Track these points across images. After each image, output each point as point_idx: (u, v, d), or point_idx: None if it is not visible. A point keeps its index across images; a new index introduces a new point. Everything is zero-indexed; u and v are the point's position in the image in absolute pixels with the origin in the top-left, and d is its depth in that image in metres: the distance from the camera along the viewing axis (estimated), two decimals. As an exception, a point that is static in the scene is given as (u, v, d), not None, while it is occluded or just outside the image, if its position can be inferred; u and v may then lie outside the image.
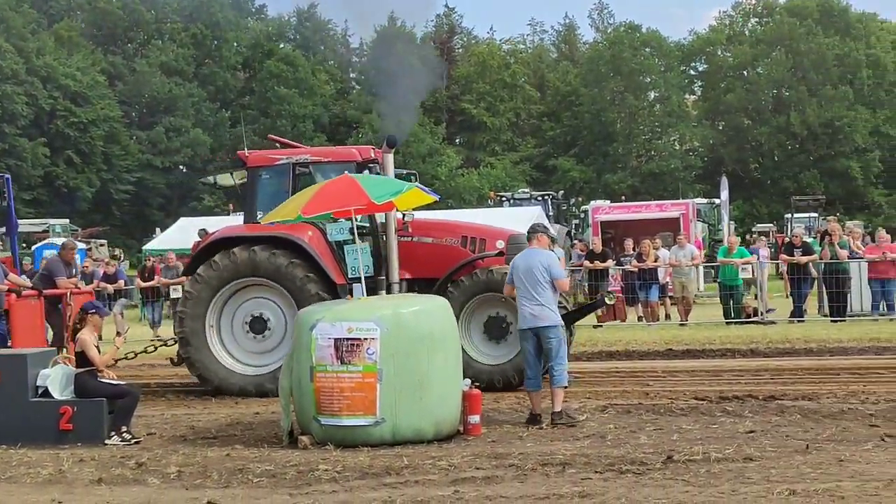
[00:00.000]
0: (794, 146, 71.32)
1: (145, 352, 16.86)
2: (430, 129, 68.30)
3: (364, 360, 10.63)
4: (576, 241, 33.28)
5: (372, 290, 14.70)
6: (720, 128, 74.44)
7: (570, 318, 14.76)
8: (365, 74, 73.87)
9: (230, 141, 67.75)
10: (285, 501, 8.60)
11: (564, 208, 41.81)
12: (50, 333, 17.31)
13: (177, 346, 15.75)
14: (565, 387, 11.87)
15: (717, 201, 42.17)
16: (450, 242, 15.28)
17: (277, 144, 17.27)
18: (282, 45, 75.51)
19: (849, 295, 22.84)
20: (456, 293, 14.51)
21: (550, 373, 11.80)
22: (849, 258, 22.90)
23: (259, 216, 15.10)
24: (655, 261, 24.36)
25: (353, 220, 13.21)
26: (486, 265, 14.83)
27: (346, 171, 15.14)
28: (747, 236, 46.96)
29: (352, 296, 14.06)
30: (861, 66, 69.12)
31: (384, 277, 14.89)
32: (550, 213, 38.01)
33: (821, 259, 23.18)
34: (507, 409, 12.98)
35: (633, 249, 25.51)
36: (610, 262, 24.92)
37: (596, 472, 9.21)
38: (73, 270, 17.45)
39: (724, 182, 42.07)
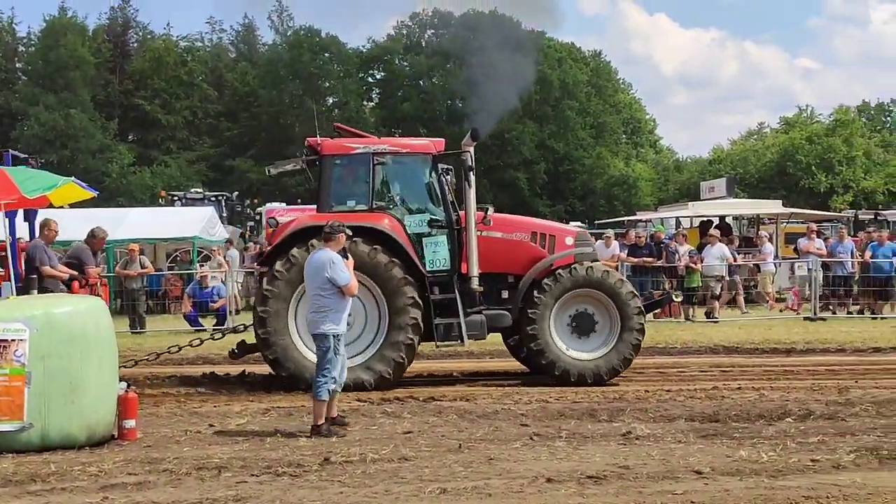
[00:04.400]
0: (466, 156, 73.63)
1: (190, 345, 16.58)
2: (102, 125, 65.88)
3: (11, 362, 10.13)
4: (250, 243, 33.06)
5: (448, 283, 14.70)
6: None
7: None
8: (32, 65, 70.25)
9: None
10: (-85, 514, 8.03)
11: (239, 209, 41.48)
12: None
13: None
14: (324, 400, 11.15)
15: (390, 207, 42.96)
16: (519, 238, 15.31)
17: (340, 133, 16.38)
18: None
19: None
20: (554, 287, 14.65)
21: (312, 383, 11.39)
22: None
23: (333, 206, 14.76)
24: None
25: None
26: (559, 265, 14.94)
27: (422, 163, 15.15)
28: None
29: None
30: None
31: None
32: (224, 214, 37.65)
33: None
34: (165, 414, 12.69)
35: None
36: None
37: (252, 475, 9.16)
38: (99, 259, 16.93)
39: (398, 188, 42.95)
